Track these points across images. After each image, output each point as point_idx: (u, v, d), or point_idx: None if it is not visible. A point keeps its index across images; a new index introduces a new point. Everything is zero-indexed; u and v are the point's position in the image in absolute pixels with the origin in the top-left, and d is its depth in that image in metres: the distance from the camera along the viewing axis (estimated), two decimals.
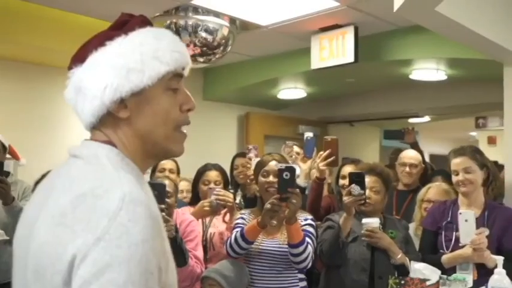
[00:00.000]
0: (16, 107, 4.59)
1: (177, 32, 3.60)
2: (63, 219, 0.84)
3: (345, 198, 2.57)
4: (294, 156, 3.64)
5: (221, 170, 3.27)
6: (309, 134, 4.49)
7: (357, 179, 2.57)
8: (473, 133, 10.40)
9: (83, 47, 1.00)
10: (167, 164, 3.58)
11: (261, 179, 2.70)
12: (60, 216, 0.85)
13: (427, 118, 7.92)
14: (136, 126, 0.97)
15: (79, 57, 0.99)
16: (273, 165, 2.68)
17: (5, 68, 4.52)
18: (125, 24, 1.00)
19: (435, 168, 4.18)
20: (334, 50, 4.27)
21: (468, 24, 2.63)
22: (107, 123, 0.98)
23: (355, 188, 2.54)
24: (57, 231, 0.84)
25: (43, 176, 3.08)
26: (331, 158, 2.84)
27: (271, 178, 2.65)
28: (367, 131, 8.55)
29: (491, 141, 9.32)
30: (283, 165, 2.45)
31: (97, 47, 0.97)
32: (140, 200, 0.85)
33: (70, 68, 1.00)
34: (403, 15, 2.41)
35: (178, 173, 3.65)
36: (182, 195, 3.72)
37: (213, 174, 3.16)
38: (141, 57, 0.95)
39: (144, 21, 1.02)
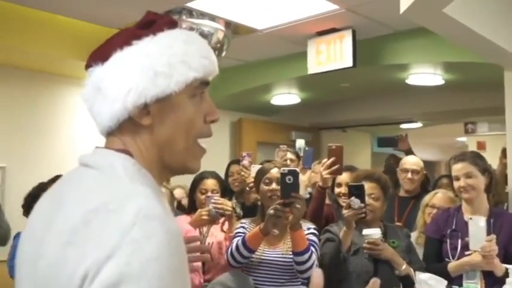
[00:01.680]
0: (2, 112, 4.48)
1: None
2: (73, 237, 0.77)
3: (345, 212, 2.51)
4: (288, 162, 3.59)
5: (218, 178, 3.23)
6: (301, 142, 4.48)
7: (356, 191, 2.52)
8: (462, 139, 10.47)
9: (105, 44, 0.93)
10: None
11: (263, 186, 2.65)
12: (70, 234, 0.78)
13: (419, 124, 7.95)
14: (158, 135, 0.91)
15: (100, 55, 0.91)
16: (275, 172, 2.64)
17: None
18: (151, 24, 0.94)
19: (428, 175, 4.18)
20: (332, 54, 4.25)
21: (473, 26, 2.60)
22: (125, 129, 0.91)
23: (355, 201, 2.48)
24: (67, 251, 0.77)
25: (35, 189, 2.98)
26: (335, 167, 2.77)
27: (274, 186, 2.60)
28: (359, 137, 8.60)
29: (481, 146, 9.36)
30: (286, 169, 2.40)
31: (122, 46, 0.90)
32: (156, 214, 0.78)
33: (89, 65, 0.93)
34: (409, 17, 2.37)
35: (167, 179, 3.57)
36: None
37: (210, 183, 3.11)
38: (169, 61, 0.89)
39: (172, 22, 0.95)
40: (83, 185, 0.85)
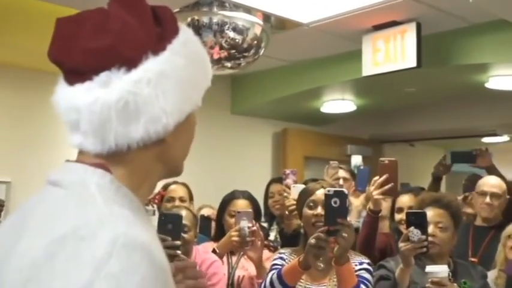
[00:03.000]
0: (7, 123, 4.64)
1: (199, 32, 3.56)
2: (36, 272, 0.75)
3: (402, 245, 2.44)
4: (340, 181, 3.57)
5: (251, 199, 3.27)
6: (357, 159, 4.43)
7: (416, 220, 2.46)
8: None
9: (126, 44, 0.86)
10: (178, 190, 3.53)
11: (307, 211, 2.61)
12: (32, 268, 0.76)
13: (505, 137, 7.80)
14: (169, 150, 0.92)
15: (124, 58, 0.85)
16: (321, 194, 2.59)
17: None
18: (157, 16, 0.91)
19: None
20: (391, 53, 4.22)
21: None
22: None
23: (415, 232, 2.42)
24: None
25: None
26: (389, 185, 2.73)
27: (319, 210, 2.55)
28: (430, 153, 8.49)
29: None
30: (331, 190, 2.36)
31: (157, 51, 0.87)
32: (139, 242, 0.77)
33: (99, 69, 0.86)
34: (481, 6, 2.30)
35: (191, 199, 3.60)
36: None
37: (241, 204, 3.16)
38: (204, 70, 0.95)
39: (171, 12, 0.95)
40: (48, 208, 0.83)
